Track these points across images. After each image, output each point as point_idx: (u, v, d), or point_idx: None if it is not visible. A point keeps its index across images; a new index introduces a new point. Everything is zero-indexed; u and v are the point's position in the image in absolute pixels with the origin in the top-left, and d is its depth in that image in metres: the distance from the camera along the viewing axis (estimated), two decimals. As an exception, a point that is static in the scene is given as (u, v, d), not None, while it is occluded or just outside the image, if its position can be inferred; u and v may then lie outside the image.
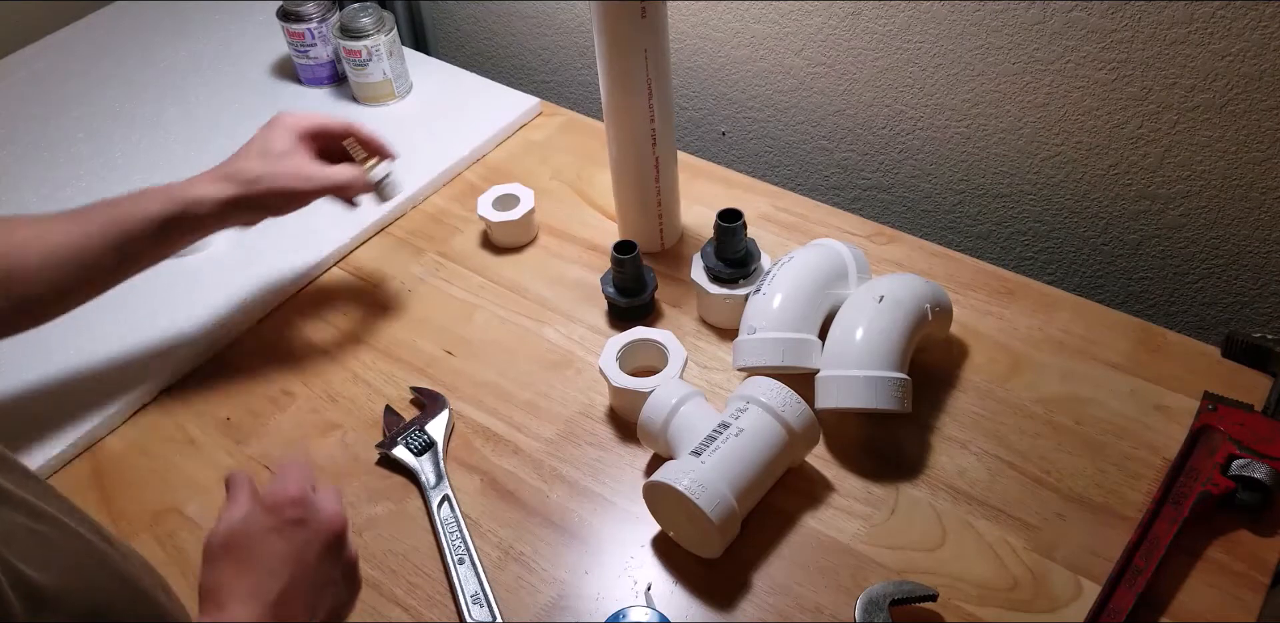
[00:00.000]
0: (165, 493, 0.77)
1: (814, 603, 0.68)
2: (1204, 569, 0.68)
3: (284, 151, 0.77)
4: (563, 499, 0.75)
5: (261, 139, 0.78)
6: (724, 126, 1.17)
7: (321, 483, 0.66)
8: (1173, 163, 0.89)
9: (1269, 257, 0.90)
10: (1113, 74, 0.86)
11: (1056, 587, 0.68)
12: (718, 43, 1.08)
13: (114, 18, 1.25)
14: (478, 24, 1.30)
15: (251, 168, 0.76)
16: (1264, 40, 0.78)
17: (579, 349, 0.85)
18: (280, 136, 0.78)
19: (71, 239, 0.71)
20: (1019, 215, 1.02)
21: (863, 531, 0.72)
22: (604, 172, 0.94)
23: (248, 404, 0.83)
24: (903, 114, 1.01)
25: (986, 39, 0.90)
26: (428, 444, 0.77)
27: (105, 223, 0.72)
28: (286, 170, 0.76)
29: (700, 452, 0.68)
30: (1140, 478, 0.73)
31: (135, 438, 0.81)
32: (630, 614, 0.65)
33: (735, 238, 0.81)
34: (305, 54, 1.10)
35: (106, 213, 0.73)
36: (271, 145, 0.77)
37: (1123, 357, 0.81)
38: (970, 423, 0.78)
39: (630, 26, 0.75)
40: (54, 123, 1.10)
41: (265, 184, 0.76)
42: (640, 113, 0.80)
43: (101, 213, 0.73)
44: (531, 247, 0.95)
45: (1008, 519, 0.71)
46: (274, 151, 0.77)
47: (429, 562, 0.72)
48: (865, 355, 0.73)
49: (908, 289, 0.76)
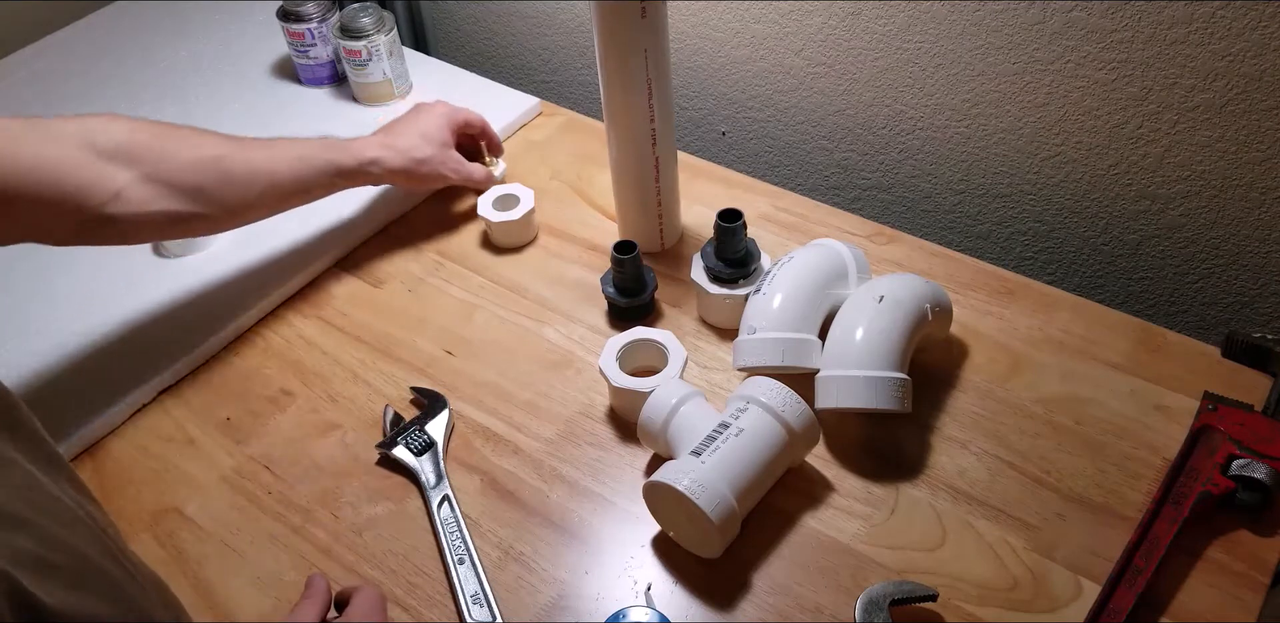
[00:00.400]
0: (165, 493, 0.77)
1: (814, 603, 0.68)
2: (1204, 569, 0.68)
3: (444, 141, 0.90)
4: (563, 499, 0.75)
5: (425, 123, 0.90)
6: (724, 126, 1.17)
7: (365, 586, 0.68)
8: (1173, 163, 0.89)
9: (1269, 257, 0.90)
10: (1113, 74, 0.86)
11: (1056, 587, 0.68)
12: (718, 43, 1.08)
13: (114, 18, 1.25)
14: (478, 24, 1.30)
15: (421, 148, 0.88)
16: (1264, 40, 0.78)
17: (579, 349, 0.85)
18: (440, 125, 0.90)
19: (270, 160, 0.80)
20: (1019, 215, 1.02)
21: (863, 531, 0.72)
22: (604, 172, 0.94)
23: (248, 404, 0.83)
24: (903, 114, 1.01)
25: (986, 39, 0.90)
26: (428, 444, 0.77)
27: (294, 159, 0.82)
28: (447, 159, 0.90)
29: (700, 452, 0.68)
30: (1140, 478, 0.73)
31: (135, 438, 0.81)
32: (630, 614, 0.65)
33: (735, 238, 0.81)
34: (305, 54, 1.10)
35: (292, 149, 0.82)
36: (433, 132, 0.90)
37: (1123, 357, 0.81)
38: (970, 423, 0.78)
39: (630, 26, 0.75)
40: (54, 123, 1.10)
41: (430, 167, 0.89)
42: (640, 113, 0.80)
43: (286, 148, 0.82)
44: (531, 247, 0.95)
45: (1008, 519, 0.71)
46: (436, 139, 0.89)
47: (429, 562, 0.72)
48: (865, 355, 0.73)
49: (908, 289, 0.76)
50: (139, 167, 0.73)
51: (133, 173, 0.73)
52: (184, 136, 0.77)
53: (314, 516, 0.75)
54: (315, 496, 0.76)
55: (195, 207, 0.76)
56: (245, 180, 0.79)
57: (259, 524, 0.75)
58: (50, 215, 0.71)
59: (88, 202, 0.71)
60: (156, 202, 0.74)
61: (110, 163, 0.72)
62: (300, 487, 0.77)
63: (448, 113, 0.92)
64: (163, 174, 0.74)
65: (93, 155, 0.71)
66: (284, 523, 0.75)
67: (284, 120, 1.09)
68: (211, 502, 0.76)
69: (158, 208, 0.74)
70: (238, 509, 0.76)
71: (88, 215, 0.71)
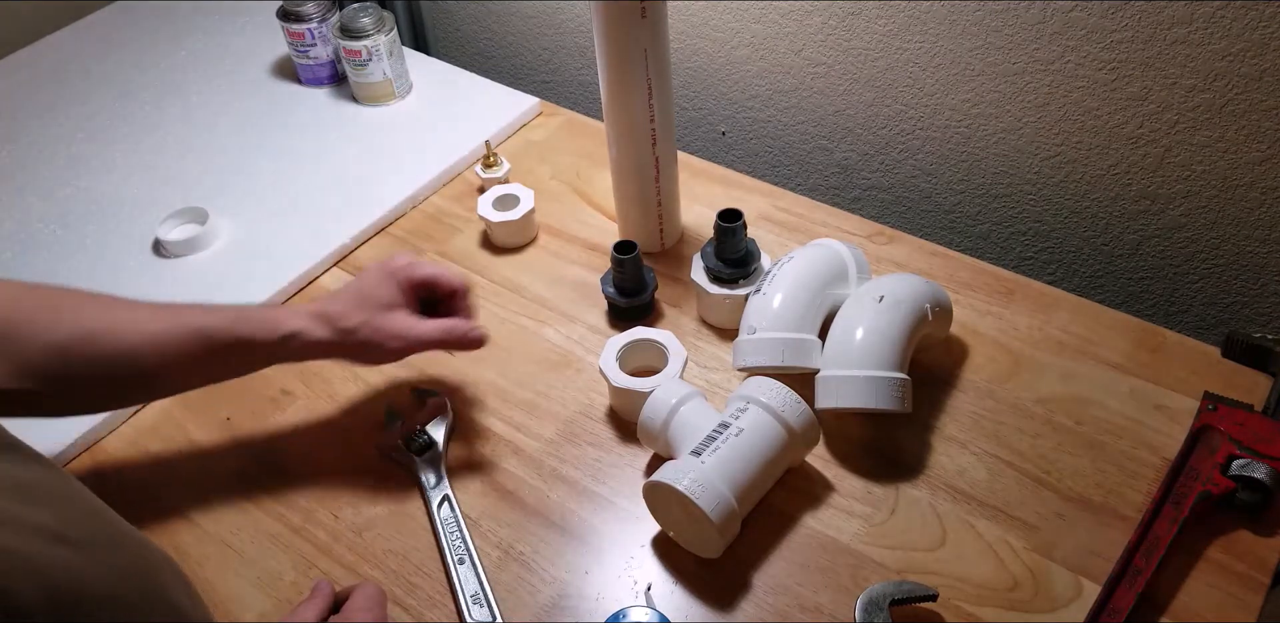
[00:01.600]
0: (165, 493, 0.77)
1: (814, 603, 0.68)
2: (1204, 569, 0.68)
3: (384, 303, 0.74)
4: (563, 499, 0.75)
5: (364, 285, 0.74)
6: (724, 126, 1.17)
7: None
8: (1173, 163, 0.89)
9: (1269, 257, 0.90)
10: (1113, 74, 0.86)
11: (1056, 587, 0.68)
12: (718, 43, 1.08)
13: (114, 18, 1.25)
14: (478, 24, 1.30)
15: (350, 316, 0.72)
16: (1264, 40, 0.78)
17: (579, 349, 0.85)
18: (384, 286, 0.74)
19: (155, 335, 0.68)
20: (1019, 215, 1.02)
21: (862, 530, 0.72)
22: (604, 172, 0.94)
23: (248, 404, 0.83)
24: (903, 114, 1.01)
25: (986, 39, 0.90)
26: (428, 444, 0.77)
27: (192, 330, 0.69)
28: (385, 326, 0.73)
29: (700, 452, 0.68)
30: (1140, 478, 0.73)
31: (135, 438, 0.81)
32: (630, 614, 0.65)
33: (735, 238, 0.81)
34: (305, 54, 1.10)
35: (193, 320, 0.70)
36: (373, 294, 0.74)
37: (1123, 357, 0.81)
38: (970, 423, 0.78)
39: (630, 26, 0.75)
40: (54, 123, 1.10)
41: (361, 336, 0.73)
42: (640, 113, 0.80)
43: (194, 318, 0.70)
44: (531, 247, 0.95)
45: (1008, 519, 0.71)
46: (374, 302, 0.73)
47: (429, 562, 0.72)
48: (865, 355, 0.73)
49: (908, 289, 0.76)
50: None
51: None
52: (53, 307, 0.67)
53: (314, 516, 0.75)
54: (315, 496, 0.76)
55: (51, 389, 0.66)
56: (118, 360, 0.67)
57: (259, 524, 0.75)
58: None
59: None
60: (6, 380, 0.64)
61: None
62: (300, 487, 0.77)
63: (400, 272, 0.75)
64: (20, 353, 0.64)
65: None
66: (284, 523, 0.75)
67: (284, 120, 1.09)
68: (211, 502, 0.76)
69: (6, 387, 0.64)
70: (238, 509, 0.76)
71: None
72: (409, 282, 0.75)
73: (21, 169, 1.04)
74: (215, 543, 0.74)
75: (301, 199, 1.00)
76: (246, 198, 1.00)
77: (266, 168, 1.03)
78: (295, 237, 0.95)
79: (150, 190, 1.01)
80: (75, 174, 1.03)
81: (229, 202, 0.99)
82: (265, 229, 0.97)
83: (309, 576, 0.72)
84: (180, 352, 0.68)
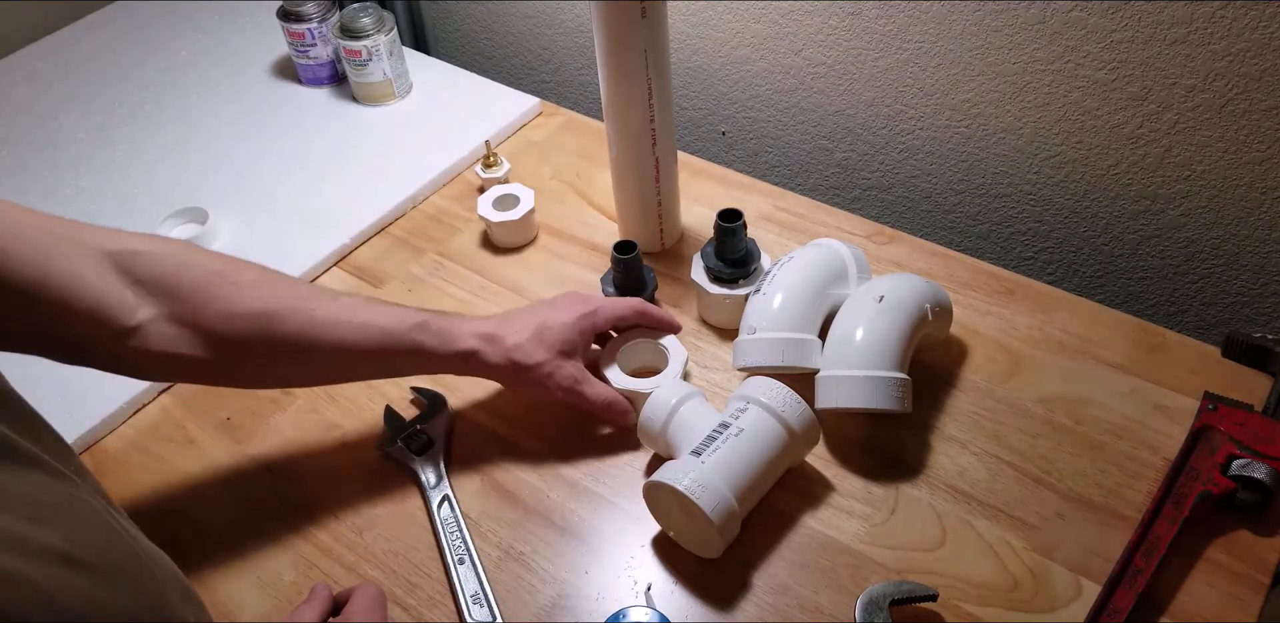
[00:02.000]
0: (165, 493, 0.77)
1: (814, 603, 0.68)
2: (1204, 569, 0.68)
3: (563, 349, 0.73)
4: (563, 499, 0.75)
5: (551, 323, 0.73)
6: (724, 126, 1.17)
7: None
8: (1173, 163, 0.89)
9: (1269, 257, 0.90)
10: (1113, 74, 0.86)
11: (1056, 587, 0.68)
12: (718, 43, 1.08)
13: (114, 18, 1.25)
14: (478, 24, 1.30)
15: (529, 353, 0.72)
16: (1264, 40, 0.78)
17: (579, 349, 0.85)
18: (565, 325, 0.74)
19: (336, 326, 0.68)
20: (1019, 215, 1.02)
21: (862, 530, 0.72)
22: (604, 172, 0.94)
23: (248, 404, 0.83)
24: (903, 114, 1.01)
25: (986, 39, 0.90)
26: (428, 444, 0.77)
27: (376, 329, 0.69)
28: (557, 374, 0.73)
29: (700, 452, 0.68)
30: (1140, 478, 0.73)
31: (135, 438, 0.81)
32: (630, 614, 0.65)
33: (735, 238, 0.81)
34: (305, 54, 1.10)
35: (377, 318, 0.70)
36: (552, 333, 0.73)
37: (1123, 357, 0.81)
38: (970, 423, 0.78)
39: (630, 26, 0.75)
40: (54, 123, 1.10)
41: (536, 375, 0.73)
42: (640, 113, 0.80)
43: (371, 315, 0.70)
44: (531, 247, 0.95)
45: (1008, 519, 0.71)
46: (552, 343, 0.73)
47: (429, 562, 0.72)
48: (865, 355, 0.73)
49: (908, 289, 0.76)
50: (171, 304, 0.64)
51: (161, 309, 0.64)
52: (244, 282, 0.67)
53: (314, 516, 0.75)
54: (315, 496, 0.76)
55: (223, 360, 0.67)
56: (296, 345, 0.68)
57: (259, 524, 0.75)
58: (56, 332, 0.63)
59: (100, 327, 0.62)
60: (177, 345, 0.65)
61: (139, 292, 0.63)
62: (300, 487, 0.77)
63: (584, 311, 0.75)
64: (197, 318, 0.65)
65: (121, 280, 0.63)
66: (284, 523, 0.75)
67: (284, 120, 1.09)
68: (211, 502, 0.76)
69: (176, 351, 0.65)
70: (238, 509, 0.76)
71: (100, 342, 0.63)
72: (594, 330, 0.76)
73: (21, 169, 1.04)
74: (215, 543, 0.74)
75: (301, 199, 1.00)
76: (246, 198, 1.00)
77: (266, 168, 1.03)
78: (295, 236, 0.95)
79: (150, 190, 1.01)
80: (75, 174, 1.03)
81: (229, 202, 0.99)
82: (265, 229, 0.97)
83: (309, 576, 0.72)
84: (358, 345, 0.69)
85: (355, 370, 0.73)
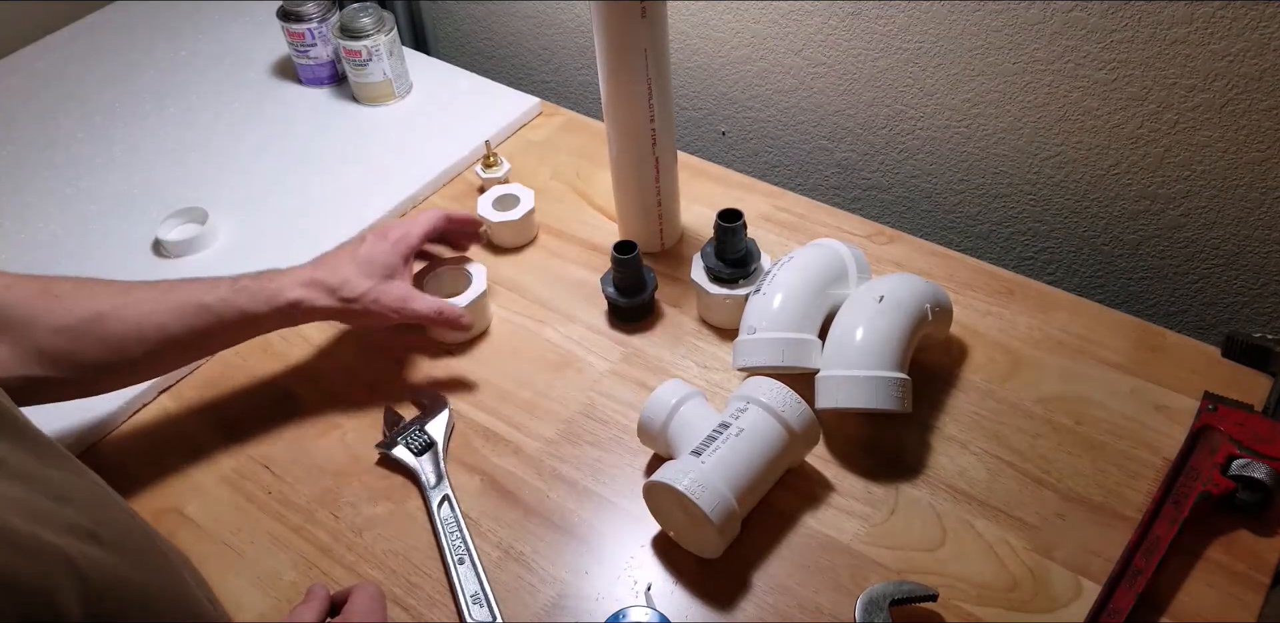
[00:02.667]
0: (165, 493, 0.77)
1: (814, 603, 0.68)
2: (1204, 569, 0.68)
3: (386, 272, 0.76)
4: (563, 499, 0.75)
5: (367, 253, 0.77)
6: (724, 126, 1.17)
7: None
8: (1173, 163, 0.89)
9: (1269, 257, 0.90)
10: (1113, 74, 0.86)
11: (1056, 587, 0.68)
12: (718, 43, 1.08)
13: (114, 18, 1.25)
14: (478, 24, 1.30)
15: (355, 285, 0.75)
16: (1264, 40, 0.78)
17: (579, 349, 0.85)
18: (383, 250, 0.77)
19: (158, 314, 0.70)
20: (1019, 215, 1.02)
21: (862, 530, 0.72)
22: (604, 172, 0.94)
23: (248, 404, 0.83)
24: (903, 114, 1.01)
25: (986, 39, 0.90)
26: (428, 444, 0.77)
27: (194, 306, 0.71)
28: (385, 298, 0.76)
29: (700, 452, 0.68)
30: (1140, 478, 0.73)
31: (135, 438, 0.81)
32: (630, 614, 0.65)
33: (735, 238, 0.81)
34: (305, 54, 1.10)
35: (193, 295, 0.71)
36: (372, 259, 0.76)
37: (1123, 357, 0.81)
38: (970, 423, 0.78)
39: (630, 26, 0.75)
40: (54, 123, 1.10)
41: (364, 304, 0.75)
42: (640, 113, 0.80)
43: (187, 294, 0.71)
44: (531, 247, 0.95)
45: (1008, 519, 0.71)
46: (375, 269, 0.76)
47: (429, 562, 0.72)
48: (865, 355, 0.73)
49: (908, 289, 0.76)
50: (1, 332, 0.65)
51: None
52: (62, 294, 0.68)
53: (314, 516, 0.75)
54: (315, 496, 0.76)
55: (63, 373, 0.67)
56: (127, 339, 0.69)
57: (259, 524, 0.75)
58: None
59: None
60: (19, 369, 0.65)
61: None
62: (300, 487, 0.77)
63: (397, 235, 0.78)
64: (30, 339, 0.66)
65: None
66: (284, 523, 0.75)
67: (284, 120, 1.09)
68: (211, 502, 0.76)
69: (19, 374, 0.65)
70: (238, 509, 0.76)
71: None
72: (410, 250, 0.79)
73: (21, 169, 1.04)
74: (215, 543, 0.74)
75: (301, 199, 1.00)
76: (246, 198, 1.00)
77: (266, 168, 1.03)
78: (295, 236, 0.95)
79: (150, 190, 1.01)
80: (75, 174, 1.03)
81: (229, 202, 0.99)
82: (265, 229, 0.97)
83: (309, 576, 0.72)
84: (186, 327, 0.70)
85: (190, 350, 0.74)
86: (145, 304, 0.70)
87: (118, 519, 0.49)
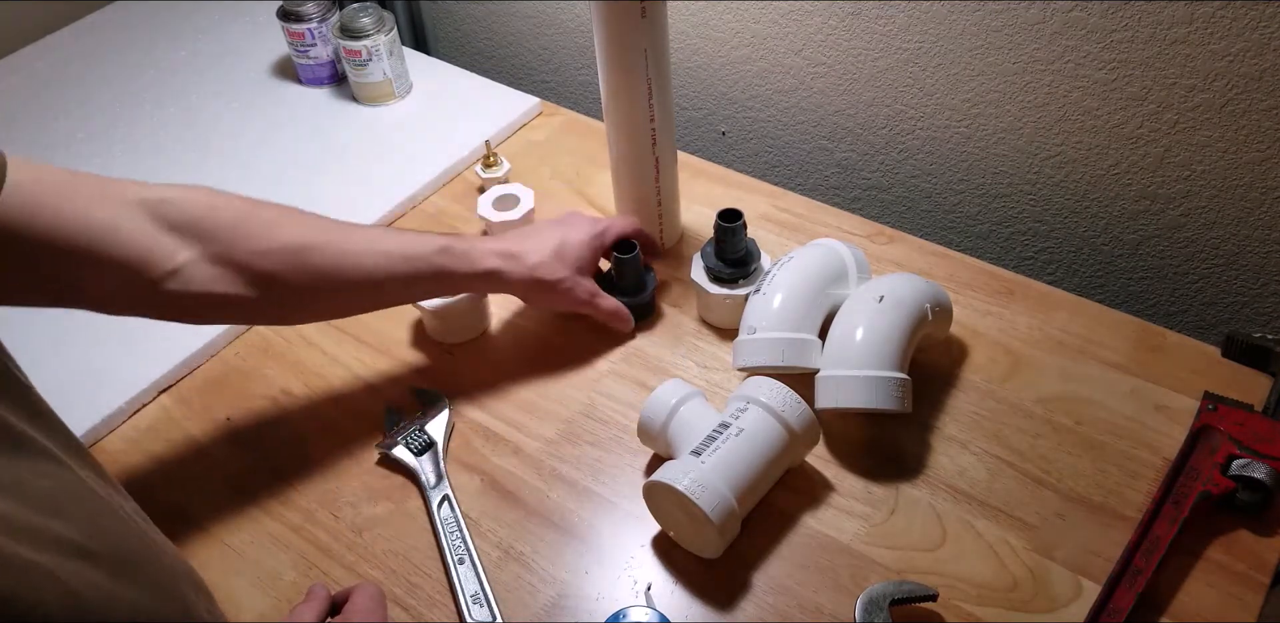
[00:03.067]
0: (165, 493, 0.77)
1: (814, 603, 0.68)
2: (1204, 569, 0.68)
3: (580, 265, 0.81)
4: (563, 499, 0.75)
5: (569, 242, 0.80)
6: (724, 126, 1.17)
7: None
8: (1173, 163, 0.89)
9: (1269, 257, 0.90)
10: (1113, 74, 0.86)
11: (1056, 587, 0.68)
12: (718, 43, 1.08)
13: (114, 18, 1.25)
14: (478, 24, 1.30)
15: (553, 269, 0.79)
16: (1264, 40, 0.78)
17: (579, 349, 0.85)
18: (581, 244, 0.81)
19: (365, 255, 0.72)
20: (1019, 215, 1.02)
21: (862, 530, 0.72)
22: (604, 172, 0.94)
23: (248, 404, 0.83)
24: (903, 114, 1.01)
25: (986, 39, 0.90)
26: (428, 444, 0.77)
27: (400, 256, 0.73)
28: (577, 289, 0.81)
29: (700, 452, 0.68)
30: (1140, 478, 0.73)
31: (135, 438, 0.81)
32: (630, 614, 0.65)
33: (735, 238, 0.81)
34: (305, 54, 1.10)
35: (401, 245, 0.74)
36: (571, 251, 0.80)
37: (1123, 357, 0.81)
38: (970, 423, 0.78)
39: (630, 26, 0.75)
40: (54, 123, 1.10)
41: (559, 290, 0.80)
42: (640, 113, 0.80)
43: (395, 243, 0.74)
44: (531, 247, 0.95)
45: (1008, 519, 0.71)
46: (574, 262, 0.80)
47: (429, 562, 0.72)
48: (865, 355, 0.73)
49: (908, 289, 0.76)
50: (208, 245, 0.66)
51: (198, 250, 0.66)
52: (272, 219, 0.70)
53: (314, 516, 0.75)
54: (315, 496, 0.76)
55: (264, 296, 0.69)
56: (329, 275, 0.71)
57: (259, 524, 0.75)
58: (96, 282, 0.64)
59: (141, 274, 0.64)
60: (219, 284, 0.67)
61: (175, 237, 0.65)
62: (300, 487, 0.77)
63: (596, 232, 0.82)
64: (234, 256, 0.67)
65: (155, 225, 0.65)
66: (284, 523, 0.75)
67: (284, 120, 1.09)
68: (211, 502, 0.76)
69: (219, 290, 0.67)
70: (238, 509, 0.76)
71: (141, 288, 0.65)
72: (603, 250, 0.84)
73: (21, 169, 1.04)
74: (215, 543, 0.74)
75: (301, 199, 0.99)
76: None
77: (266, 168, 1.03)
78: (295, 237, 0.95)
79: (150, 190, 1.01)
80: (75, 174, 1.03)
81: (229, 202, 0.99)
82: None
83: (309, 576, 0.72)
84: (387, 272, 0.73)
85: (385, 297, 0.77)
86: (353, 245, 0.72)
87: (111, 529, 0.49)
